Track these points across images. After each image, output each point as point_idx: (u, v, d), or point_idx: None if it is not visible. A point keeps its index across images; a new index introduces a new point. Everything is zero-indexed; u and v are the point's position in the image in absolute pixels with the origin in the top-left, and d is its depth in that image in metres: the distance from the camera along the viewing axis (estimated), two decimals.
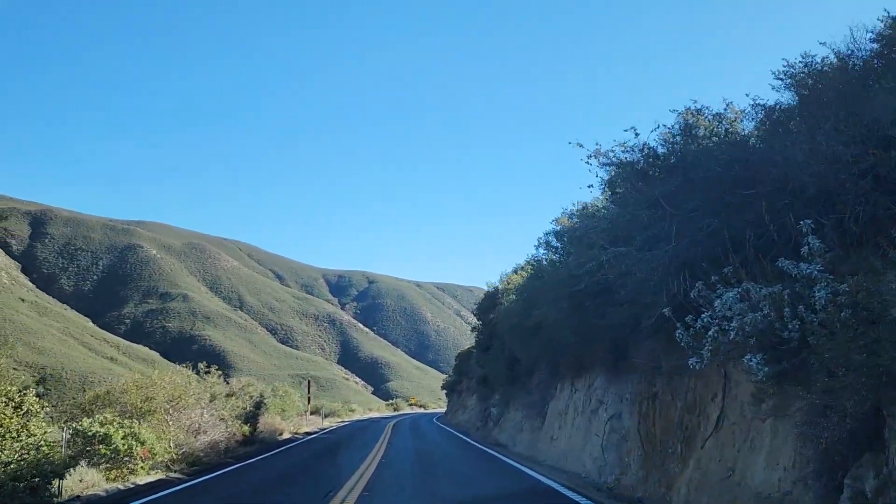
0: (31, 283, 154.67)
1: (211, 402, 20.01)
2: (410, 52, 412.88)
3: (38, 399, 11.08)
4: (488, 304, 29.97)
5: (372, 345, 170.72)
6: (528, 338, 18.93)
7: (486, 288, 31.21)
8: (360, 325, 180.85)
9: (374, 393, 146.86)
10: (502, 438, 23.84)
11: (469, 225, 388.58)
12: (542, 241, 17.07)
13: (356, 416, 64.81)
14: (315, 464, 18.25)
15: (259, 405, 24.50)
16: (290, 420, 33.83)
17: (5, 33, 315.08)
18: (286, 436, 29.54)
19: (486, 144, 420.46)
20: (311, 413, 44.93)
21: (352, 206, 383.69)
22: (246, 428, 21.69)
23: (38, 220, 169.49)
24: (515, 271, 25.84)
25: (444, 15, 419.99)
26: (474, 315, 33.38)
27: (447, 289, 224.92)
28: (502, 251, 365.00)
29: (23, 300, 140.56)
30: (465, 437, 27.59)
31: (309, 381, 47.20)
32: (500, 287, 28.03)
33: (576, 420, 16.31)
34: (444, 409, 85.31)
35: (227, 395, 22.48)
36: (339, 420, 53.78)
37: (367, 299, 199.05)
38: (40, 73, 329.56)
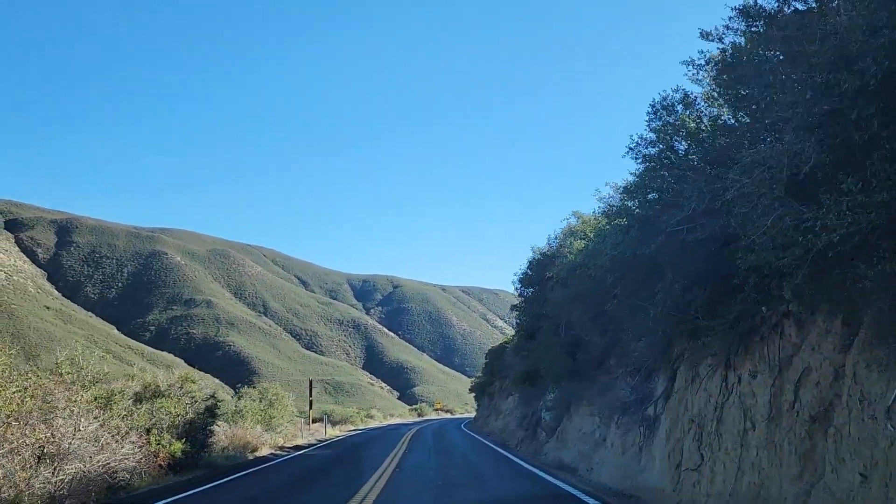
0: (56, 292, 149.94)
1: (107, 405, 11.93)
2: (433, 59, 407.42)
3: None
4: (536, 273, 21.46)
5: (397, 349, 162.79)
6: (626, 295, 10.57)
7: (531, 256, 22.67)
8: (385, 330, 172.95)
9: (399, 398, 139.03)
10: (567, 457, 15.35)
11: (494, 228, 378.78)
12: (657, 105, 8.45)
13: (374, 423, 56.40)
14: None
15: (211, 411, 16.22)
16: (280, 430, 25.87)
17: (35, 47, 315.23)
18: (263, 452, 21.53)
19: (511, 148, 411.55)
20: (315, 421, 36.70)
21: (376, 211, 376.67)
22: (178, 445, 13.53)
23: (64, 229, 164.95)
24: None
25: (472, 20, 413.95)
26: (515, 291, 24.57)
27: (472, 292, 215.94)
28: (527, 255, 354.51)
29: (48, 308, 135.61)
30: (505, 453, 19.16)
31: (311, 382, 38.37)
32: (557, 244, 19.66)
33: (751, 434, 7.86)
34: (472, 415, 77.01)
35: (154, 396, 14.33)
36: (352, 428, 45.46)
37: (391, 304, 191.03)
38: (67, 86, 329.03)
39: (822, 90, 4.62)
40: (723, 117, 7.77)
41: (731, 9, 7.04)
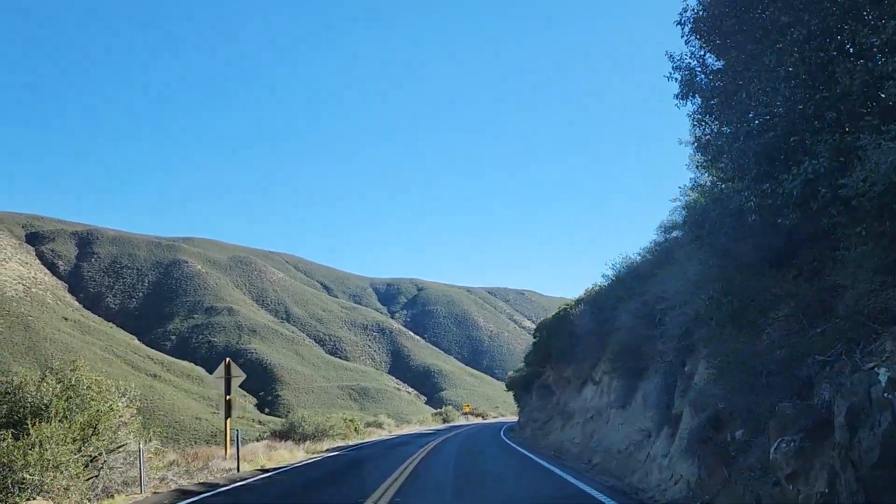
0: (77, 303, 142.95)
1: None
2: (452, 62, 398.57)
3: None
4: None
5: (423, 353, 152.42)
6: None
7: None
8: (411, 333, 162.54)
9: (427, 402, 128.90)
10: None
11: (518, 228, 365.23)
12: None
13: (378, 435, 43.17)
14: None
15: None
16: (63, 477, 10.75)
17: (50, 57, 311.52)
18: None
19: (531, 148, 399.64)
20: (275, 438, 24.17)
21: (398, 214, 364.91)
22: None
23: (85, 240, 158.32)
24: None
25: (489, 25, 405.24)
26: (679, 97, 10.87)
27: (498, 293, 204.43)
28: (552, 254, 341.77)
29: (66, 319, 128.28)
30: None
31: (227, 365, 20.41)
32: None
33: None
34: (509, 419, 64.68)
35: None
36: (333, 447, 29.20)
37: (416, 307, 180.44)
38: (86, 98, 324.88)
39: None
40: None
41: None
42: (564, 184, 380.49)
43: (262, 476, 17.69)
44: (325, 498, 13.00)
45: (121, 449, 13.35)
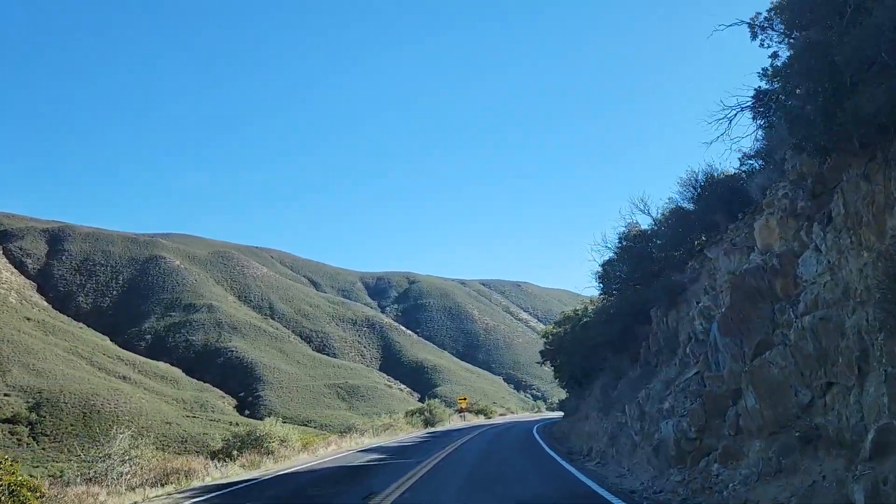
0: (45, 303, 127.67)
1: None
2: (448, 62, 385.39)
3: None
4: None
5: (416, 348, 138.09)
6: None
7: None
8: (403, 328, 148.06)
9: (420, 400, 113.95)
10: None
11: (511, 219, 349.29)
12: None
13: (236, 476, 19.18)
14: None
15: None
16: None
17: (27, 50, 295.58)
18: None
19: (525, 137, 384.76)
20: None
21: (388, 207, 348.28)
22: None
23: (56, 238, 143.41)
24: None
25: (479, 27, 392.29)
26: None
27: (493, 285, 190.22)
28: (547, 245, 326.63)
29: (29, 319, 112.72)
30: None
31: None
32: None
33: None
34: (517, 416, 49.22)
35: None
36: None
37: (408, 300, 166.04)
38: (69, 94, 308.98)
39: None
40: None
41: None
42: (559, 175, 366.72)
43: None
44: None
45: None
